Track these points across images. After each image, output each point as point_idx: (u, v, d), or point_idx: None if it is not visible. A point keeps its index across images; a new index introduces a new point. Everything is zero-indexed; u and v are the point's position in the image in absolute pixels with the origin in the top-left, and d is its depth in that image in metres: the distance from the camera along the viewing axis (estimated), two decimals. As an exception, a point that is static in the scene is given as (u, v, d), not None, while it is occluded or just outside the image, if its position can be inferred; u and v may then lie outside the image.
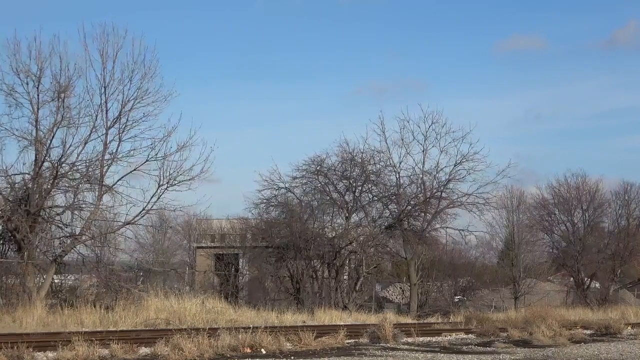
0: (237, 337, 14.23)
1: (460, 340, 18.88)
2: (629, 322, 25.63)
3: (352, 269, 33.65)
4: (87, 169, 23.60)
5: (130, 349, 13.15)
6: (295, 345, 14.96)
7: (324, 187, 32.80)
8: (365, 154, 33.07)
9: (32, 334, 14.68)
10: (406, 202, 33.63)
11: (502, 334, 19.98)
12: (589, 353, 16.33)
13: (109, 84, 24.00)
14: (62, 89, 23.18)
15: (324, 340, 15.43)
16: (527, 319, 22.00)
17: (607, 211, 45.58)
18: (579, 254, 42.72)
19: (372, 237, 33.01)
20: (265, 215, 32.96)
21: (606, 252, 43.63)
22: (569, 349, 17.25)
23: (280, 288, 32.71)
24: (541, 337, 19.04)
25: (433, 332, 20.03)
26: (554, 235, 45.76)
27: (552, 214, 45.34)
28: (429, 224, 34.06)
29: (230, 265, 34.78)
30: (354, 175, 33.02)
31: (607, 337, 21.05)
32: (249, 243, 34.26)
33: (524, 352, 16.17)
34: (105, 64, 23.93)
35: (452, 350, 16.07)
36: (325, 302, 30.17)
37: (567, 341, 18.86)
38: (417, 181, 33.77)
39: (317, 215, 32.38)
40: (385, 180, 33.66)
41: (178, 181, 24.38)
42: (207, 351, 13.29)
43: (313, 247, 31.16)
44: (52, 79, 23.20)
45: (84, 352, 12.57)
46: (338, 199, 32.79)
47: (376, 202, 33.79)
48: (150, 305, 21.91)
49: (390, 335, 17.21)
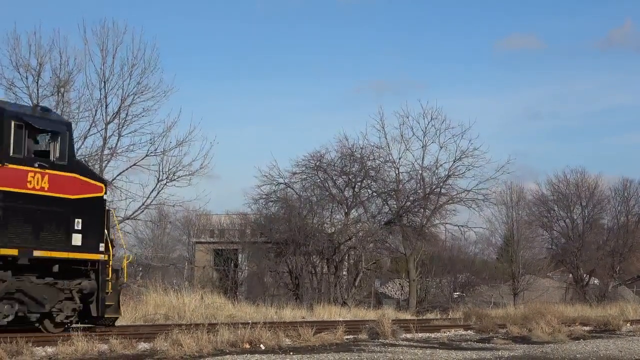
0: (236, 333, 14.24)
1: (459, 336, 18.91)
2: (627, 318, 25.67)
3: (351, 264, 33.71)
4: (86, 163, 23.58)
5: (130, 344, 13.15)
6: (294, 341, 15.00)
7: (323, 182, 32.81)
8: (364, 150, 33.16)
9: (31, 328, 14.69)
10: (405, 198, 33.66)
11: (501, 330, 20.02)
12: (588, 349, 16.37)
13: (108, 78, 24.09)
14: (62, 83, 23.23)
15: (323, 336, 15.45)
16: (526, 316, 22.02)
17: (606, 208, 45.74)
18: (578, 251, 42.80)
19: (372, 233, 33.06)
20: (265, 210, 33.03)
21: (605, 249, 43.73)
22: (568, 345, 17.29)
23: (280, 283, 32.79)
24: (540, 333, 19.08)
25: (432, 328, 20.08)
26: (553, 232, 45.87)
27: (552, 210, 45.43)
28: (428, 219, 34.10)
29: (229, 260, 34.83)
30: (353, 171, 33.06)
31: (606, 334, 21.08)
32: (248, 238, 34.32)
33: (523, 349, 16.20)
34: (105, 59, 24.00)
35: (451, 347, 16.10)
36: (325, 297, 30.25)
37: (566, 337, 18.89)
38: (417, 177, 33.87)
39: (316, 210, 32.42)
40: (385, 176, 33.75)
41: (177, 176, 24.47)
42: (206, 346, 13.30)
43: (312, 243, 31.21)
44: (52, 73, 23.30)
45: (83, 347, 12.57)
46: (337, 195, 32.81)
47: (375, 197, 33.84)
48: (149, 300, 21.94)
49: (389, 331, 17.23)
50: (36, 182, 13.50)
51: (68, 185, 14.01)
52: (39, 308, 14.01)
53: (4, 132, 13.08)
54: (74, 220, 14.07)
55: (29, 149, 13.55)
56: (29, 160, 13.42)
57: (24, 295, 13.71)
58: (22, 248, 13.34)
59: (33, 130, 13.64)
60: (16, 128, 13.25)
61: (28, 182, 13.36)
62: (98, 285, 14.71)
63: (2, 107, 13.47)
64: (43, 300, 13.99)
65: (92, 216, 14.41)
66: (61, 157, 13.87)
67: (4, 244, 13.13)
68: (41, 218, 13.57)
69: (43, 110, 14.60)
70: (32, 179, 13.43)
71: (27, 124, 13.44)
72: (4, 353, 11.73)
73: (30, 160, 13.45)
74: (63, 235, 13.94)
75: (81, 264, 14.51)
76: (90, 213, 14.37)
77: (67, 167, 13.98)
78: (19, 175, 13.23)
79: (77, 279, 14.53)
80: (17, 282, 13.50)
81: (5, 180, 13.05)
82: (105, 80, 24.05)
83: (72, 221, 14.04)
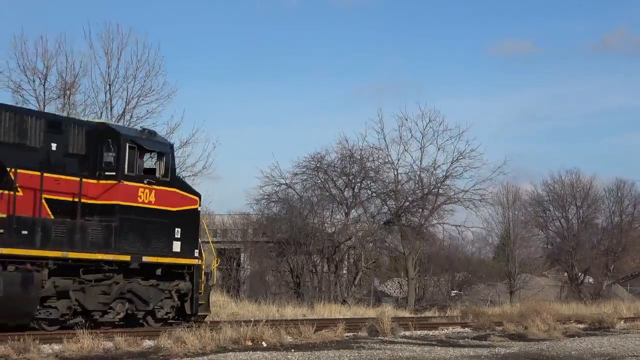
0: (239, 330, 14.38)
1: (456, 333, 19.11)
2: (621, 316, 25.85)
3: (351, 263, 33.98)
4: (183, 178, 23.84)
5: (134, 342, 13.28)
6: (295, 338, 15.15)
7: (323, 183, 33.10)
8: (364, 151, 33.44)
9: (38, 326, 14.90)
10: (404, 198, 33.98)
11: (498, 328, 20.17)
12: (583, 347, 16.56)
13: (113, 81, 24.38)
14: (68, 86, 23.54)
15: (323, 333, 15.62)
16: (522, 313, 22.22)
17: (600, 208, 46.04)
18: (573, 250, 43.08)
19: (371, 233, 33.37)
20: (266, 210, 33.28)
21: (599, 248, 44.03)
22: (563, 342, 17.46)
23: (281, 282, 33.02)
24: (536, 331, 19.25)
25: (430, 326, 20.27)
26: (548, 231, 46.14)
27: (547, 210, 45.71)
28: (426, 219, 34.42)
29: (232, 259, 35.08)
30: (353, 172, 33.34)
31: (601, 331, 21.28)
32: (250, 238, 34.56)
33: (519, 346, 16.38)
34: (110, 62, 24.29)
35: (448, 344, 16.30)
36: (325, 296, 30.50)
37: (561, 335, 19.06)
38: (415, 178, 34.17)
39: (317, 210, 32.67)
40: (384, 176, 34.06)
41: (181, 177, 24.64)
42: (209, 344, 13.43)
43: (313, 242, 31.47)
44: (58, 76, 23.62)
45: (89, 344, 12.68)
46: (337, 195, 33.11)
47: (375, 198, 34.14)
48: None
49: (389, 328, 17.41)
50: (145, 196, 15.31)
51: (170, 199, 15.84)
52: (144, 306, 15.79)
53: (120, 153, 14.91)
54: (175, 230, 15.92)
55: (139, 168, 15.36)
56: (139, 178, 15.26)
57: (133, 295, 15.54)
58: (133, 254, 15.16)
59: (142, 151, 15.43)
60: (130, 149, 15.04)
61: (139, 196, 15.21)
62: (192, 287, 16.44)
63: (118, 131, 15.24)
64: (148, 299, 15.80)
65: (189, 225, 16.24)
66: (165, 174, 15.74)
67: (119, 250, 14.93)
68: (149, 228, 15.44)
69: (150, 133, 16.15)
70: (142, 193, 15.26)
71: (139, 146, 15.24)
72: (11, 350, 11.91)
73: (140, 178, 15.29)
74: (166, 242, 15.80)
75: (179, 268, 16.31)
76: (187, 223, 16.19)
77: (169, 183, 15.86)
78: (131, 191, 15.10)
79: (175, 280, 16.34)
80: (128, 284, 15.35)
81: (121, 195, 14.93)
82: (110, 83, 24.39)
83: (173, 230, 15.89)
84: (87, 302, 14.76)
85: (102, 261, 14.74)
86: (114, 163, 14.87)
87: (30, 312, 13.90)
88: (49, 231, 13.91)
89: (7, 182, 13.36)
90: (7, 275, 13.28)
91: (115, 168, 14.88)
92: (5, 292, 13.13)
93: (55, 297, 14.32)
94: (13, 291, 13.30)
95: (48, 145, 14.21)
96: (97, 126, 15.27)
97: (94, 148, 14.85)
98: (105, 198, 14.83)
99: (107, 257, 14.77)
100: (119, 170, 14.88)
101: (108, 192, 14.80)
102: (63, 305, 14.47)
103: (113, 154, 14.88)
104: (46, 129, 14.24)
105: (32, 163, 13.82)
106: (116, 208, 14.83)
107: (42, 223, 13.81)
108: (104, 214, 14.76)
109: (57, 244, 13.98)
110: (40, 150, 14.15)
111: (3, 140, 13.66)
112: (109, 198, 14.83)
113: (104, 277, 14.96)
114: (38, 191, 13.74)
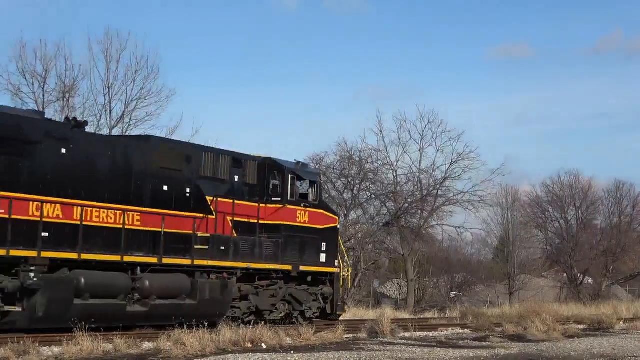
0: (238, 332, 14.38)
1: (456, 335, 19.13)
2: (621, 317, 25.89)
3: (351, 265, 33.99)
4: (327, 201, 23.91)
5: (134, 344, 13.29)
6: (295, 340, 15.17)
7: (323, 185, 33.13)
8: (363, 153, 33.50)
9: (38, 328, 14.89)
10: (403, 200, 34.02)
11: (497, 329, 20.18)
12: (583, 347, 16.58)
13: (112, 84, 24.42)
14: (67, 89, 23.58)
15: (323, 335, 15.63)
16: (521, 314, 22.21)
17: (599, 209, 46.18)
18: (572, 251, 43.16)
19: (370, 234, 33.42)
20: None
21: (599, 249, 44.11)
22: (562, 343, 17.47)
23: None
24: (535, 332, 19.26)
25: (430, 327, 20.31)
26: (547, 233, 46.25)
27: (546, 211, 45.82)
28: (426, 221, 34.47)
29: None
30: (352, 174, 33.40)
31: (600, 332, 21.31)
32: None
33: (518, 347, 16.40)
34: (109, 65, 24.35)
35: (448, 345, 16.31)
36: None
37: (560, 336, 19.06)
38: (414, 179, 34.23)
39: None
40: (383, 178, 34.12)
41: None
42: (209, 346, 13.43)
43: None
44: (57, 79, 23.66)
45: (89, 347, 12.68)
46: (337, 197, 33.15)
47: (374, 199, 34.21)
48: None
49: (388, 330, 17.42)
50: (301, 217, 18.63)
51: (319, 219, 19.18)
52: (299, 307, 18.90)
53: (285, 183, 18.20)
54: (322, 244, 19.22)
55: (297, 193, 18.64)
56: (297, 202, 18.55)
57: (292, 298, 18.73)
58: (293, 264, 18.47)
59: (300, 180, 18.91)
60: (291, 180, 18.34)
61: (297, 217, 18.51)
62: (333, 290, 19.62)
63: (282, 164, 18.37)
64: (303, 301, 18.91)
65: (331, 240, 19.57)
66: (315, 199, 19.12)
67: (284, 262, 18.21)
68: (304, 243, 18.76)
69: (303, 165, 19.50)
70: (299, 215, 18.57)
71: (297, 176, 18.63)
72: (11, 353, 11.90)
73: (298, 202, 18.57)
74: (316, 254, 19.09)
75: (324, 275, 19.56)
76: (330, 238, 19.54)
77: (318, 205, 19.20)
78: (292, 213, 18.42)
79: (320, 285, 19.50)
80: (288, 289, 18.62)
81: (285, 216, 18.25)
82: (109, 86, 24.44)
83: (320, 244, 19.20)
84: (260, 303, 17.95)
85: (272, 270, 18.01)
86: (279, 190, 18.07)
87: (225, 312, 16.95)
88: (238, 246, 17.24)
89: (207, 208, 16.57)
90: (212, 282, 16.69)
91: (280, 194, 18.13)
92: (210, 296, 16.48)
93: (239, 299, 17.44)
94: (216, 295, 16.64)
95: (232, 177, 17.31)
96: (264, 160, 18.28)
97: (263, 178, 18.02)
98: (273, 219, 18.01)
99: (276, 267, 18.07)
100: (283, 196, 18.14)
101: (275, 214, 18.04)
102: (244, 305, 17.60)
103: (278, 183, 18.11)
104: (231, 164, 17.29)
105: (223, 192, 17.02)
106: (281, 227, 18.11)
107: (234, 240, 17.14)
108: (272, 232, 17.95)
109: (243, 257, 17.28)
110: (227, 181, 17.25)
111: (203, 175, 16.67)
112: (276, 219, 18.04)
113: (271, 283, 18.20)
114: (228, 214, 17.01)
